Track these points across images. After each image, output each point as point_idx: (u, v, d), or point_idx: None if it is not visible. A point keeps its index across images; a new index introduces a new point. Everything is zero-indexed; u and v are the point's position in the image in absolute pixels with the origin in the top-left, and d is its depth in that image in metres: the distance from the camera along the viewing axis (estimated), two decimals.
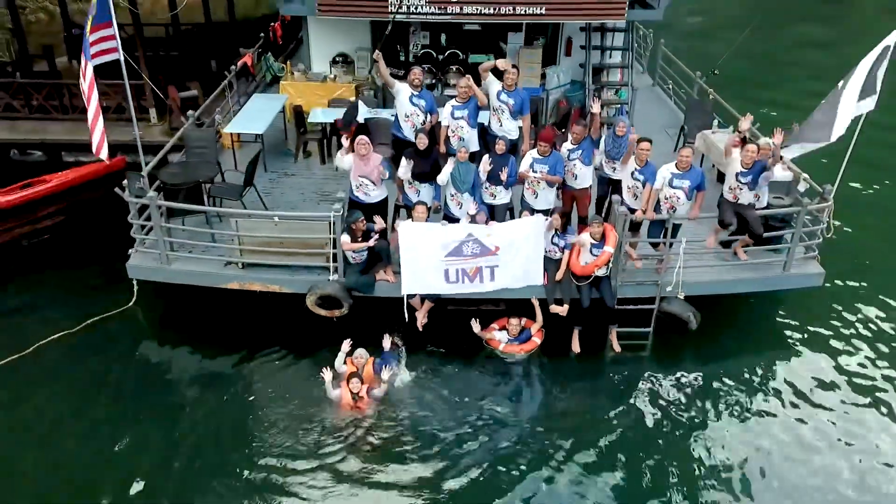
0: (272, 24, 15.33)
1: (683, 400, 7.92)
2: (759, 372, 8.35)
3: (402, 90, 8.54)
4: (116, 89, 12.77)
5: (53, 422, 7.32)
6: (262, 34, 14.75)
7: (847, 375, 8.31)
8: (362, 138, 7.87)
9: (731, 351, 8.65)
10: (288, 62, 13.02)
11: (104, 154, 7.72)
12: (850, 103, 7.53)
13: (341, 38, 12.35)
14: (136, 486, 6.59)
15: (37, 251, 10.87)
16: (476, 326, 8.19)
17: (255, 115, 10.75)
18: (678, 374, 8.23)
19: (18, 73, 14.33)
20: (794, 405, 7.88)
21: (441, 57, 12.64)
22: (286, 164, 11.04)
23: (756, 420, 7.67)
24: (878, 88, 7.57)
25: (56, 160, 12.65)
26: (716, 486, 6.87)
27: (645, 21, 12.59)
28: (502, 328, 8.28)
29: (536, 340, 8.20)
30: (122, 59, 7.78)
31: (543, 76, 12.40)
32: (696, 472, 7.06)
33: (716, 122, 10.70)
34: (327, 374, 7.51)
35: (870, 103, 7.64)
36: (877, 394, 8.05)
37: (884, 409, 7.84)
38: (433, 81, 11.96)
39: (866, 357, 8.60)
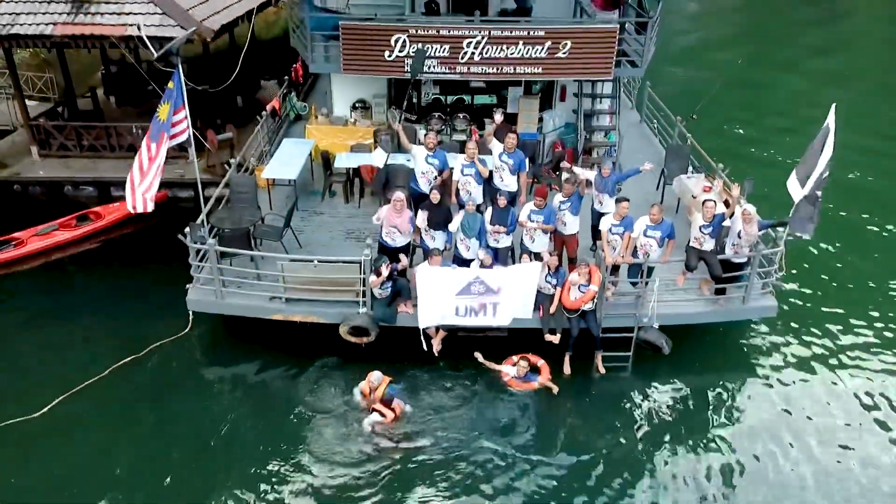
0: (294, 65, 16.83)
1: (659, 414, 9.41)
2: (726, 389, 9.82)
3: (418, 152, 10.08)
4: None
5: (134, 437, 8.83)
6: (286, 77, 16.27)
7: (805, 389, 9.83)
8: (399, 196, 9.40)
9: (701, 371, 10.13)
10: (313, 107, 14.49)
11: (150, 207, 8.99)
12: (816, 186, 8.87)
13: (360, 86, 13.83)
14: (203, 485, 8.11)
15: (91, 278, 12.34)
16: (479, 357, 9.63)
17: (287, 160, 12.25)
18: (655, 392, 9.73)
19: (66, 110, 15.89)
20: (758, 418, 9.36)
21: (449, 102, 14.14)
22: (314, 202, 12.54)
23: (723, 431, 9.13)
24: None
25: (105, 195, 14.15)
26: (684, 490, 8.34)
27: (629, 76, 14.05)
28: (513, 365, 9.56)
29: (536, 385, 9.46)
30: (191, 135, 9.14)
31: (541, 119, 13.91)
32: (668, 477, 8.52)
33: (690, 169, 12.19)
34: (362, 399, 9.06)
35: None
36: (832, 405, 9.57)
37: (841, 420, 9.32)
38: (442, 127, 13.43)
39: (825, 373, 10.12)
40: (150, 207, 9.04)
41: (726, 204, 10.12)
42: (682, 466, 8.63)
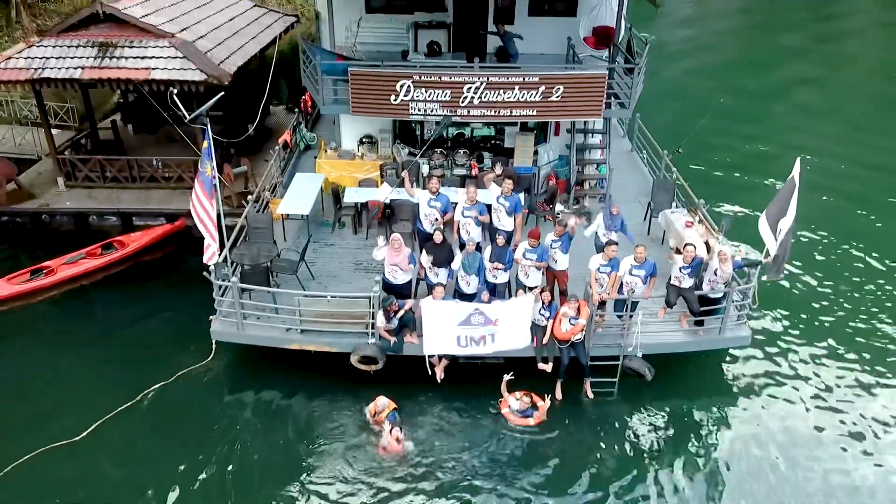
0: (303, 96, 17.75)
1: (642, 434, 10.34)
2: (705, 412, 10.76)
3: (422, 197, 11.02)
4: (178, 163, 15.31)
5: (167, 458, 9.75)
6: (296, 109, 17.21)
7: (779, 411, 10.80)
8: (396, 237, 10.33)
9: (682, 395, 11.04)
10: (322, 142, 15.41)
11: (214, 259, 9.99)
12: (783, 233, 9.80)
13: (367, 122, 14.74)
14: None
15: (117, 305, 13.26)
16: (506, 378, 10.46)
17: (300, 196, 13.18)
18: (639, 415, 10.65)
19: (89, 141, 16.82)
20: (735, 437, 10.32)
21: (450, 137, 15.07)
22: (325, 233, 13.47)
23: (702, 450, 10.09)
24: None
25: (128, 224, 15.07)
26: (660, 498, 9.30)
27: (618, 116, 15.01)
28: (517, 399, 10.38)
29: (532, 422, 10.28)
30: (216, 181, 10.07)
31: (536, 153, 14.83)
32: (652, 493, 9.46)
33: (674, 204, 13.13)
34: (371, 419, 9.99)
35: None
36: (805, 424, 10.55)
37: (812, 437, 10.31)
38: (443, 162, 14.36)
39: (797, 395, 11.10)
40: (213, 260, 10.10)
41: (707, 246, 11.01)
42: (664, 483, 9.55)
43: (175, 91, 11.91)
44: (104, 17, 14.20)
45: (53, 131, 17.37)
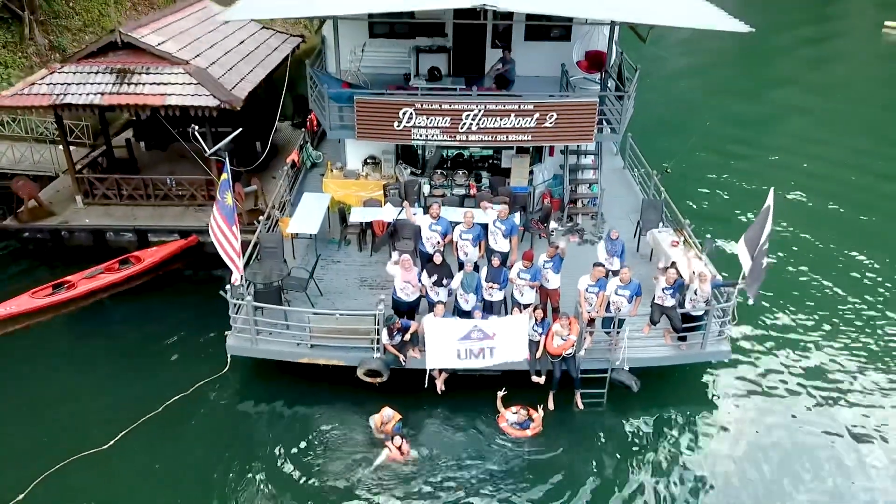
0: (309, 115, 18.51)
1: (630, 442, 11.12)
2: (688, 421, 11.55)
3: (423, 222, 11.81)
4: (191, 182, 16.10)
5: (188, 464, 10.53)
6: (303, 129, 17.99)
7: (757, 418, 11.61)
8: (406, 258, 11.12)
9: (666, 405, 11.81)
10: (328, 162, 16.17)
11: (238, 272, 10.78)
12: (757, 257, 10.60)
13: (371, 143, 15.50)
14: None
15: (134, 318, 14.00)
16: (500, 394, 11.21)
17: (308, 215, 13.93)
18: (626, 424, 11.42)
19: (105, 160, 17.60)
20: (717, 444, 11.12)
21: (450, 157, 15.84)
22: (331, 250, 14.23)
23: (685, 456, 10.87)
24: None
25: (143, 240, 15.83)
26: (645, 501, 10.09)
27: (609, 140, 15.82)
28: (514, 413, 11.13)
29: (528, 433, 11.00)
30: (234, 210, 10.81)
31: (531, 173, 15.62)
32: (638, 496, 10.24)
33: (660, 224, 13.91)
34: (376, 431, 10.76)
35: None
36: (782, 432, 11.34)
37: (788, 443, 11.09)
38: (444, 182, 15.14)
39: (776, 406, 11.91)
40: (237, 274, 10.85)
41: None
42: (649, 488, 10.33)
43: (197, 128, 12.64)
44: (122, 45, 14.94)
45: (70, 148, 18.19)
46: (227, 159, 10.20)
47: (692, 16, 13.55)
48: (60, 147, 18.19)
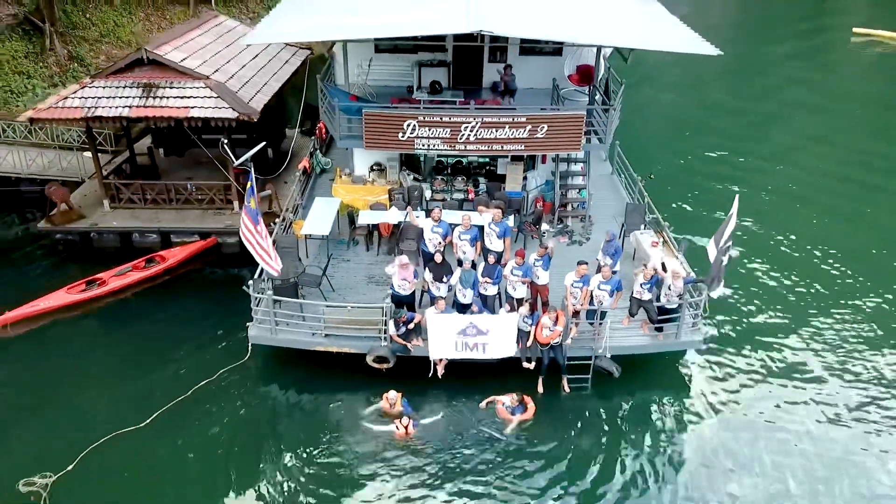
0: (318, 124, 19.79)
1: (611, 422, 12.37)
2: (665, 403, 12.79)
3: (426, 224, 13.10)
4: (210, 187, 17.38)
5: (215, 442, 11.80)
6: (312, 137, 19.30)
7: (728, 403, 12.84)
8: (403, 260, 12.40)
9: (645, 389, 13.07)
10: (337, 168, 17.46)
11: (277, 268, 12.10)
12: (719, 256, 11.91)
13: (377, 151, 16.78)
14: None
15: (160, 311, 15.25)
16: (483, 404, 12.43)
17: (319, 218, 15.19)
18: (608, 406, 12.66)
19: (129, 166, 18.88)
20: (690, 424, 12.38)
21: (449, 164, 17.12)
22: (341, 250, 15.50)
23: (662, 435, 12.11)
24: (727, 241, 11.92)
25: (167, 241, 17.12)
26: (629, 479, 11.28)
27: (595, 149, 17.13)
28: (509, 398, 12.31)
29: (519, 418, 12.13)
30: (258, 212, 12.08)
31: (525, 179, 16.89)
32: (617, 471, 11.47)
33: (642, 227, 15.18)
34: (374, 416, 12.00)
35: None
36: (751, 412, 12.58)
37: (761, 422, 12.35)
38: (444, 187, 16.42)
39: (746, 389, 13.16)
40: (279, 264, 12.20)
41: (664, 268, 13.06)
42: (629, 464, 11.56)
43: (226, 141, 13.94)
44: (147, 62, 16.22)
45: (89, 154, 19.47)
46: (252, 168, 11.47)
47: (668, 39, 14.80)
48: (85, 154, 19.61)
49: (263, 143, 12.78)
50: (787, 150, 24.56)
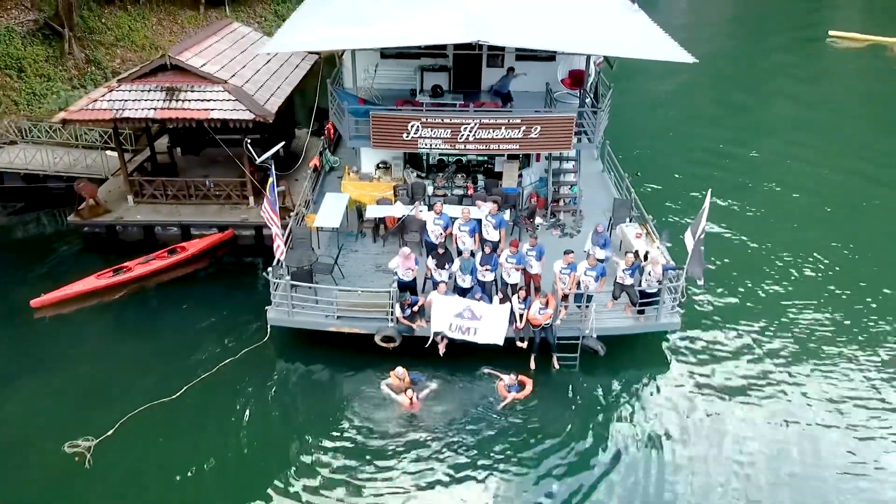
0: (326, 125, 21.07)
1: (598, 396, 13.66)
2: (647, 379, 14.10)
3: (428, 217, 14.42)
4: (226, 184, 18.68)
5: (240, 414, 13.09)
6: (321, 136, 20.60)
7: (706, 378, 14.14)
8: (406, 251, 13.72)
9: (628, 367, 14.35)
10: (346, 166, 18.76)
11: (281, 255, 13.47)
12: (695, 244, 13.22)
13: (383, 150, 18.08)
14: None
15: (183, 297, 16.54)
16: (486, 370, 13.80)
17: (330, 212, 16.48)
18: (595, 382, 13.95)
19: (150, 164, 20.18)
20: (670, 398, 13.65)
21: (450, 161, 18.40)
22: (349, 241, 16.80)
23: (644, 409, 13.38)
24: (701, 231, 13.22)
25: (186, 233, 18.41)
26: (611, 449, 12.57)
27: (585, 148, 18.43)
28: (510, 378, 13.56)
29: (514, 396, 13.39)
30: (276, 202, 13.37)
31: (521, 176, 18.17)
32: (600, 441, 12.73)
33: (627, 220, 16.48)
34: (384, 389, 13.29)
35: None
36: (727, 387, 13.86)
37: (736, 398, 13.62)
38: (445, 184, 17.71)
39: (722, 368, 14.44)
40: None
41: (645, 257, 14.36)
42: (614, 434, 12.81)
43: (249, 141, 15.27)
44: (170, 67, 17.51)
45: (114, 153, 20.78)
46: (272, 166, 12.78)
47: (648, 48, 16.07)
48: (107, 152, 20.92)
49: (282, 143, 14.02)
50: (768, 152, 25.90)
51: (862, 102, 32.26)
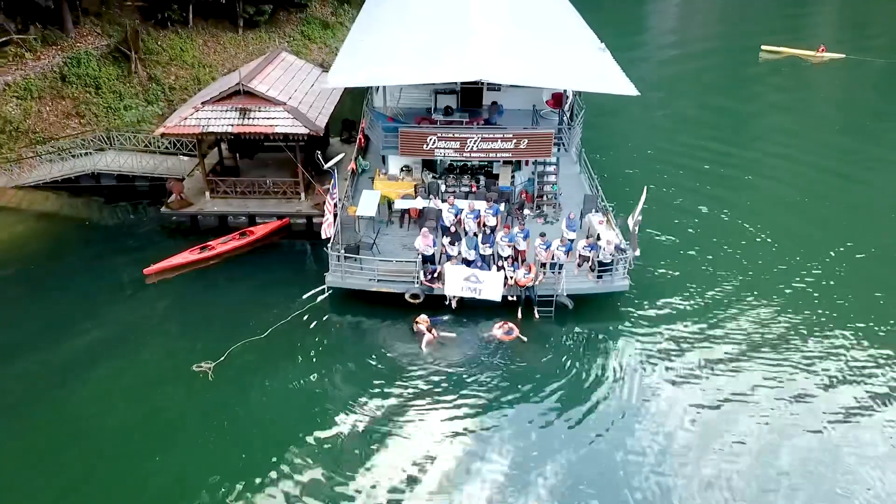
0: (357, 136, 26.20)
1: (569, 342, 18.73)
2: (606, 330, 19.17)
3: (443, 207, 19.65)
4: (283, 183, 23.88)
5: (306, 358, 18.26)
6: (353, 143, 25.78)
7: (653, 329, 19.24)
8: (425, 231, 18.89)
9: (593, 320, 19.43)
10: (377, 169, 23.94)
11: (330, 232, 18.62)
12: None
13: (407, 157, 23.18)
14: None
15: (253, 269, 21.70)
16: (498, 325, 19.02)
17: (367, 204, 21.62)
18: (567, 330, 19.04)
19: (219, 166, 25.35)
20: (626, 344, 18.71)
21: (458, 166, 23.56)
22: (382, 227, 21.98)
23: (605, 353, 18.38)
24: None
25: (252, 221, 23.58)
26: (578, 385, 17.72)
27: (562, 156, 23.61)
28: (504, 325, 18.84)
29: (510, 335, 18.70)
30: (335, 197, 18.52)
31: (513, 177, 23.33)
32: (572, 378, 17.89)
33: (594, 210, 21.66)
34: (415, 327, 18.48)
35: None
36: (672, 341, 19.02)
37: (679, 351, 18.78)
38: (454, 182, 22.87)
39: (667, 323, 19.52)
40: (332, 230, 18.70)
41: (597, 237, 19.56)
42: (580, 369, 17.82)
43: (319, 152, 20.48)
44: (243, 92, 22.65)
45: (184, 158, 25.95)
46: (335, 171, 17.98)
47: (606, 83, 21.15)
48: (181, 157, 26.08)
49: (342, 154, 19.23)
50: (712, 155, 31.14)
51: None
